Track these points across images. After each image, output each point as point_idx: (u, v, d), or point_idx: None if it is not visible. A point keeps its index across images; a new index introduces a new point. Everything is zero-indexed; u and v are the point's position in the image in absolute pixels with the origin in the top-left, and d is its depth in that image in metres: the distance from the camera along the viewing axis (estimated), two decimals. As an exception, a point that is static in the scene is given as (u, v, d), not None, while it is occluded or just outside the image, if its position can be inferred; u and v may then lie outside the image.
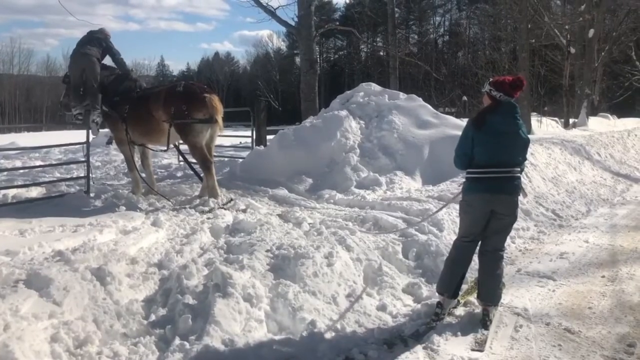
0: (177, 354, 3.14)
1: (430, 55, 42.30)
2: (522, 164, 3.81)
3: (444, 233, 5.32)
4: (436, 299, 3.93)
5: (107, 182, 8.37)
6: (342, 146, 7.98)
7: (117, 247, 4.25)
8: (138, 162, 7.17)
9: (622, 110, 26.53)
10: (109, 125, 7.11)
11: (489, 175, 3.66)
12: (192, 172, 7.33)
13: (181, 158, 7.83)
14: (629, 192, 9.65)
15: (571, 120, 18.33)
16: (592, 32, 20.03)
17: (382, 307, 3.97)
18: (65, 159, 11.39)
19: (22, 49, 61.23)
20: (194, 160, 6.83)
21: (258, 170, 7.91)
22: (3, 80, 56.18)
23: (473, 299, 4.05)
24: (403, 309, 4.03)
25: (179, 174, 8.92)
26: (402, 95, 9.43)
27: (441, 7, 53.49)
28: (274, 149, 8.22)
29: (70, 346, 3.10)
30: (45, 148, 10.85)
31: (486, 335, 3.58)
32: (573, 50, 19.60)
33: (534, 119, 15.71)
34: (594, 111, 20.88)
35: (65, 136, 13.21)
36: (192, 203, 6.28)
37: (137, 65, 53.92)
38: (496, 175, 3.65)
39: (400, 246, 4.98)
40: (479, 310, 3.89)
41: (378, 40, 49.25)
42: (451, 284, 3.83)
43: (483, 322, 3.72)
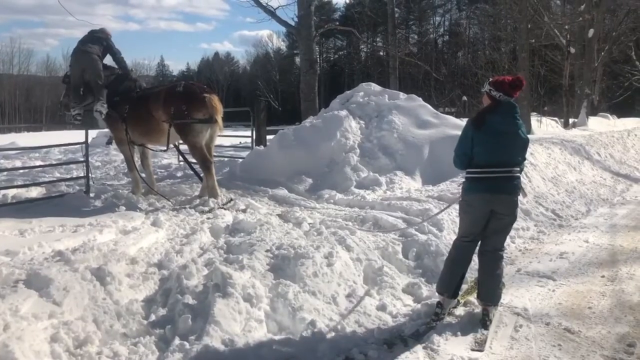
0: (177, 354, 3.14)
1: (430, 55, 42.30)
2: (521, 164, 3.81)
3: (443, 233, 5.32)
4: (436, 298, 3.93)
5: (107, 182, 8.37)
6: (342, 146, 7.98)
7: (117, 247, 4.25)
8: (138, 162, 7.17)
9: (622, 110, 26.54)
10: (109, 125, 7.11)
11: (489, 175, 3.66)
12: (192, 172, 7.33)
13: (181, 158, 7.84)
14: (629, 192, 9.64)
15: (571, 120, 18.32)
16: (591, 32, 20.03)
17: (382, 307, 3.97)
18: (65, 159, 11.36)
19: (22, 49, 61.53)
20: (194, 160, 6.84)
21: (258, 170, 7.91)
22: (3, 80, 56.19)
23: (473, 298, 4.06)
24: (403, 308, 4.03)
25: (179, 174, 8.92)
26: (402, 95, 9.43)
27: (441, 7, 53.56)
28: (273, 149, 8.22)
29: (70, 346, 3.10)
30: (45, 148, 10.84)
31: (486, 335, 3.59)
32: (573, 50, 19.59)
33: (534, 119, 15.72)
34: (593, 111, 20.87)
35: (65, 136, 13.22)
36: (192, 203, 6.28)
37: (137, 65, 54.07)
38: (496, 175, 3.66)
39: (400, 246, 4.98)
40: (478, 310, 3.89)
41: (378, 40, 49.25)
42: (451, 284, 3.83)
43: (483, 322, 3.73)
